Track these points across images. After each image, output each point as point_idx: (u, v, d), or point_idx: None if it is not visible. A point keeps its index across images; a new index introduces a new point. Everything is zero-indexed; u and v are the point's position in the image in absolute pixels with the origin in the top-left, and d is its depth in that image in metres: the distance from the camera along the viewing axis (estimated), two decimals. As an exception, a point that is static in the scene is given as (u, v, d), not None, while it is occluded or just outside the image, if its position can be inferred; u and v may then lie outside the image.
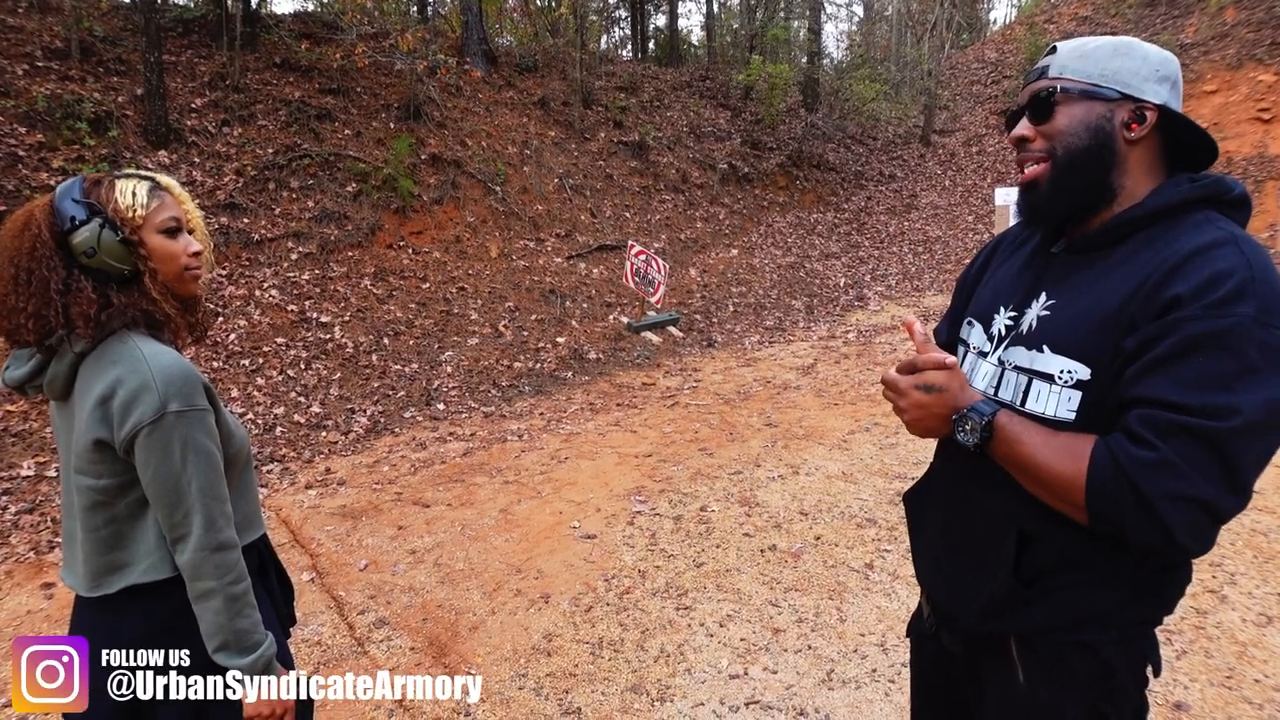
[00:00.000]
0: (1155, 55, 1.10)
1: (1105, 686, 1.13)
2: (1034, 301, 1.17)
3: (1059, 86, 1.12)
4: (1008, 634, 1.17)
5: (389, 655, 2.93)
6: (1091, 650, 1.12)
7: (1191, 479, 0.91)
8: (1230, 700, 2.52)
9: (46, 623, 3.20)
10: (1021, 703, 1.17)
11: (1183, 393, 0.93)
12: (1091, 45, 1.12)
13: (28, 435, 4.79)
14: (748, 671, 2.76)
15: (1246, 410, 0.91)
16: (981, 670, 1.26)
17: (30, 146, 6.50)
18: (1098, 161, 1.11)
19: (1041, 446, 1.04)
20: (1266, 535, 3.65)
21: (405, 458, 5.07)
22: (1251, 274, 0.94)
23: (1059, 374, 1.08)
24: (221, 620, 1.26)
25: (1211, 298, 0.94)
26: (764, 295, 10.16)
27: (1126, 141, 1.10)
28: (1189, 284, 0.96)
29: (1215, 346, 0.92)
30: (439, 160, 9.41)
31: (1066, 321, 1.10)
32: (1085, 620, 1.11)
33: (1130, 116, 1.09)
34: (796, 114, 15.35)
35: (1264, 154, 12.17)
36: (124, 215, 1.27)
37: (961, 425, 1.09)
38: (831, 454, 4.92)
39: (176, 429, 1.22)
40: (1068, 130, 1.11)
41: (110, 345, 1.25)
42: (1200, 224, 1.04)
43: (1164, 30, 15.24)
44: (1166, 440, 0.93)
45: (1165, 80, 1.10)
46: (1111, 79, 1.10)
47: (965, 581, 1.22)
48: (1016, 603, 1.14)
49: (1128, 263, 1.07)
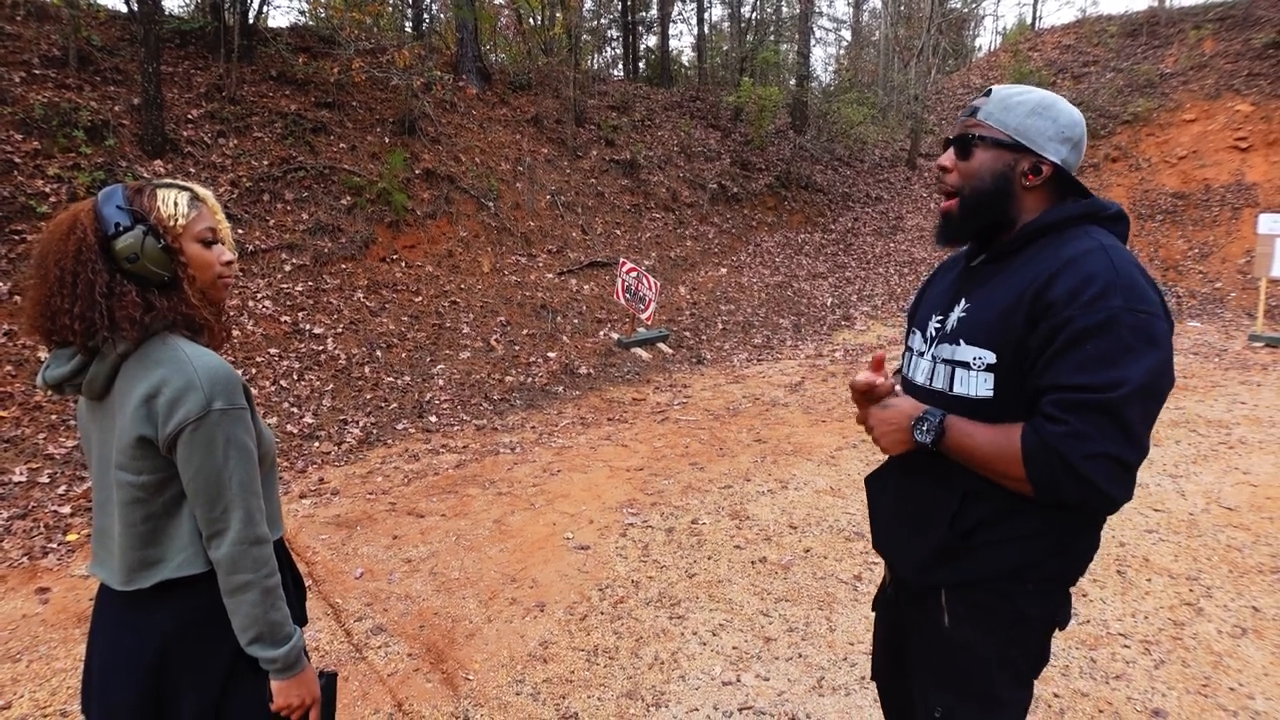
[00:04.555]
0: (1065, 118, 1.34)
1: (1017, 632, 1.34)
2: (955, 307, 1.41)
3: (980, 134, 1.36)
4: (940, 585, 1.39)
5: (387, 661, 2.96)
6: (1009, 599, 1.33)
7: (1099, 440, 1.14)
8: (1206, 708, 2.61)
9: (42, 627, 3.21)
10: (943, 641, 1.39)
11: (1080, 375, 1.17)
12: (1016, 100, 1.35)
13: (20, 441, 4.79)
14: (740, 678, 2.82)
15: (1131, 379, 1.14)
16: (912, 620, 1.47)
17: (26, 154, 6.52)
18: (996, 202, 1.36)
19: (982, 437, 1.27)
20: (1241, 550, 3.75)
21: (398, 469, 5.10)
22: (1115, 274, 1.19)
23: (973, 360, 1.32)
24: (257, 613, 1.31)
25: (1086, 296, 1.18)
26: (752, 314, 10.27)
27: (1024, 187, 1.35)
28: (1065, 288, 1.20)
29: (1098, 334, 1.16)
30: (433, 175, 9.49)
31: (976, 318, 1.34)
32: (1008, 573, 1.32)
33: (1030, 167, 1.34)
34: (785, 135, 15.56)
35: (1241, 182, 12.47)
36: (165, 223, 1.33)
37: (919, 427, 1.32)
38: (820, 469, 5.00)
39: (220, 426, 1.28)
40: (977, 173, 1.36)
41: (153, 346, 1.31)
42: (1078, 236, 1.29)
43: (1144, 60, 15.62)
44: (1074, 414, 1.16)
45: (1067, 141, 1.34)
46: (1022, 134, 1.33)
47: (911, 544, 1.44)
48: (951, 557, 1.35)
49: (1022, 268, 1.31)
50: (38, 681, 2.83)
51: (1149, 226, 12.76)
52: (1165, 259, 12.17)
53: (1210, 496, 4.45)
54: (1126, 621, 3.16)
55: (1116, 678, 2.79)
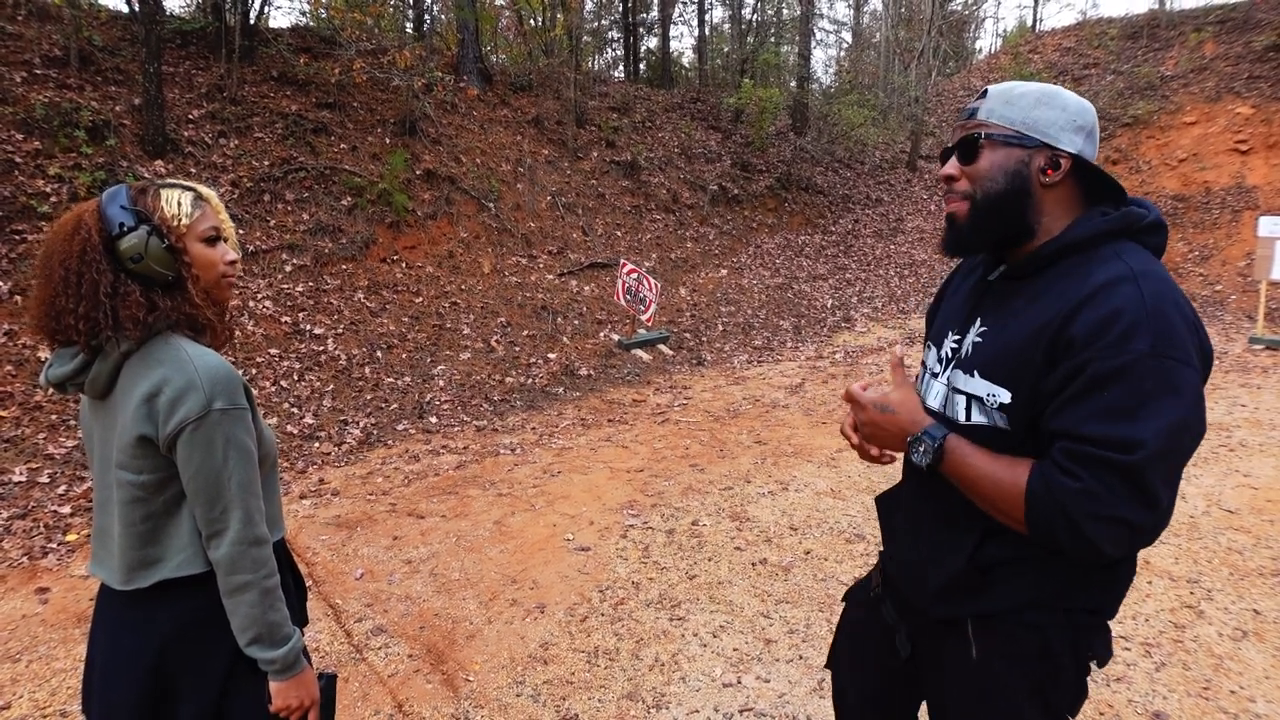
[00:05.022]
0: (1074, 105, 1.21)
1: (1047, 665, 1.24)
2: (971, 327, 1.30)
3: (984, 133, 1.23)
4: (963, 616, 1.30)
5: (387, 662, 2.96)
6: (1037, 630, 1.24)
7: (1111, 502, 1.05)
8: (1207, 710, 2.61)
9: (41, 627, 3.20)
10: (973, 673, 1.30)
11: (1097, 425, 1.06)
12: (1018, 92, 1.23)
13: (20, 441, 4.79)
14: (741, 680, 2.82)
15: (1150, 441, 1.03)
16: (937, 650, 1.38)
17: (27, 154, 6.52)
18: (1013, 203, 1.22)
19: (985, 469, 1.17)
20: (1241, 553, 3.75)
21: (398, 469, 5.10)
22: (1145, 310, 1.07)
23: (986, 397, 1.22)
24: (256, 613, 1.31)
25: (1109, 338, 1.06)
26: (753, 315, 10.27)
27: (1042, 185, 1.21)
28: (1087, 325, 1.08)
29: (1116, 382, 1.05)
30: (433, 176, 9.50)
31: (992, 349, 1.23)
32: (1032, 604, 1.23)
33: (1046, 162, 1.20)
34: (786, 137, 15.57)
35: (1241, 184, 12.49)
36: (169, 223, 1.33)
37: (916, 447, 1.23)
38: (820, 471, 5.00)
39: (220, 426, 1.28)
40: (988, 175, 1.23)
41: (155, 346, 1.31)
42: (1108, 259, 1.15)
43: (1145, 63, 15.64)
44: (1088, 470, 1.06)
45: (1081, 130, 1.21)
46: (1032, 127, 1.20)
47: (923, 567, 1.35)
48: (970, 588, 1.27)
49: (1044, 295, 1.19)
50: (37, 682, 2.83)
51: (1149, 229, 12.75)
52: (1166, 261, 12.11)
53: (1211, 499, 4.45)
54: (1127, 624, 3.16)
55: (1117, 680, 2.79)
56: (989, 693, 1.29)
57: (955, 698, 1.35)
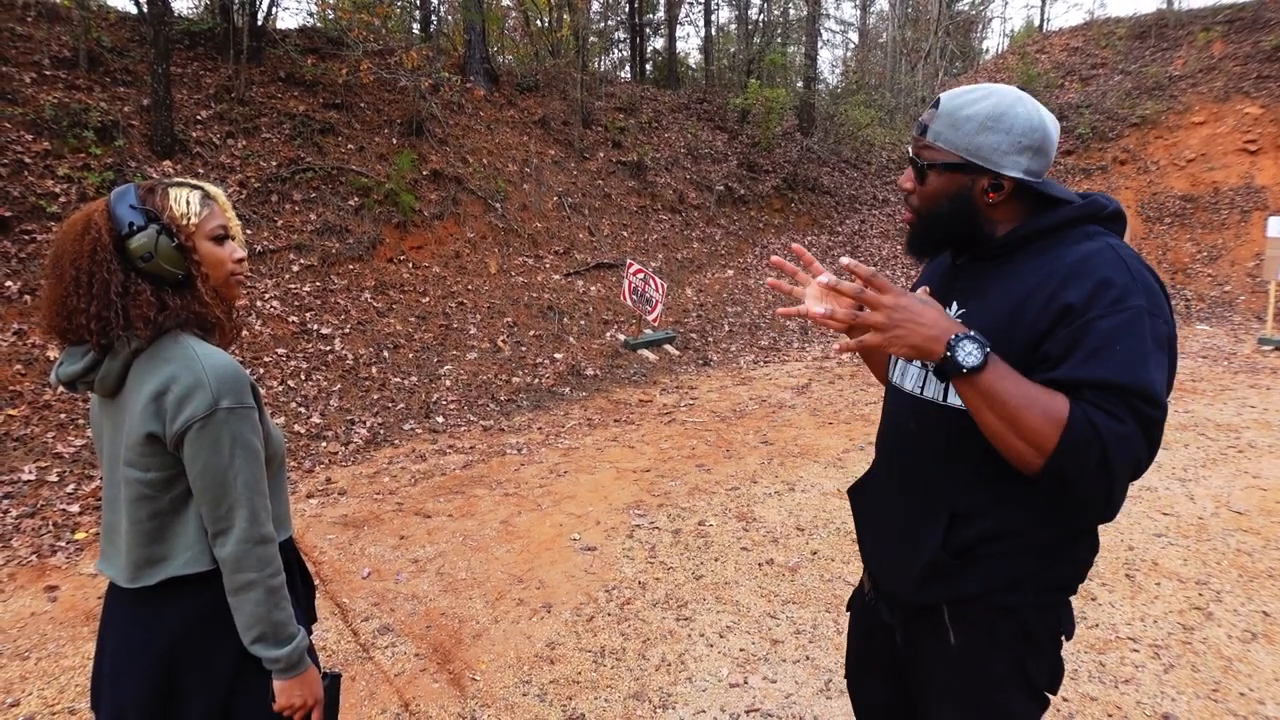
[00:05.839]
0: (1020, 125, 1.22)
1: (1025, 645, 1.30)
2: (948, 310, 1.32)
3: (928, 162, 1.27)
4: (941, 602, 1.33)
5: (393, 661, 2.97)
6: (1013, 613, 1.29)
7: (1141, 448, 1.10)
8: (1216, 713, 2.59)
9: (51, 625, 3.22)
10: (953, 660, 1.34)
11: (1119, 372, 1.09)
12: (964, 115, 1.24)
13: (29, 440, 4.81)
14: (748, 680, 2.81)
15: (1163, 398, 1.11)
16: (918, 637, 1.41)
17: (36, 154, 6.56)
18: (957, 222, 1.29)
19: (1024, 384, 1.13)
20: (1251, 555, 3.73)
21: (405, 469, 5.11)
22: (1130, 275, 1.15)
23: None
24: (261, 612, 1.32)
25: (1108, 298, 1.13)
26: (759, 315, 10.26)
27: (988, 204, 1.27)
28: (1083, 290, 1.14)
29: (1127, 333, 1.11)
30: (440, 176, 9.51)
31: (977, 324, 1.23)
32: (1007, 587, 1.27)
33: (989, 185, 1.25)
34: (792, 138, 15.54)
35: (1250, 184, 12.43)
36: (178, 222, 1.34)
37: (961, 346, 1.12)
38: (827, 471, 4.99)
39: (227, 425, 1.28)
40: (933, 197, 1.29)
41: (164, 344, 1.32)
42: (1080, 239, 1.22)
43: (1153, 62, 15.57)
44: (1132, 417, 1.09)
45: (1027, 150, 1.23)
46: (974, 153, 1.23)
47: (902, 560, 1.38)
48: (947, 574, 1.30)
49: (1020, 273, 1.24)
50: (46, 679, 2.84)
51: (1157, 229, 12.72)
52: (1174, 262, 12.13)
53: (1220, 500, 4.43)
54: (1135, 626, 3.14)
55: (1125, 682, 2.77)
56: (970, 678, 1.33)
57: (932, 680, 1.40)
